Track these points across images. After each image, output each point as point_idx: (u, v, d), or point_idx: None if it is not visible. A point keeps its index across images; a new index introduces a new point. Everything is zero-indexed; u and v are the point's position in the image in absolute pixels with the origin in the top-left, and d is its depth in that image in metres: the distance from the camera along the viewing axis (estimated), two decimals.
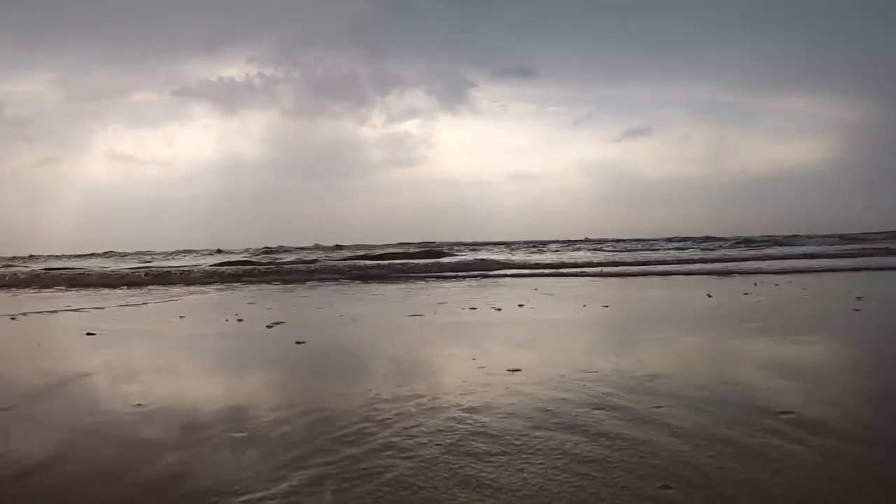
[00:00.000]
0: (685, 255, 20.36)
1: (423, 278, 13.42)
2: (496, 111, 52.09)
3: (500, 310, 6.91)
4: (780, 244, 26.05)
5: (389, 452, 2.40)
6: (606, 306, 7.22)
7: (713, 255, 20.07)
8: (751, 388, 3.28)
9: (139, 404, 3.19)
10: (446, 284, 11.50)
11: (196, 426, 2.81)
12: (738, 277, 11.24)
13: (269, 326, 5.96)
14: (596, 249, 26.54)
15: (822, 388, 3.28)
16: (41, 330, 6.63)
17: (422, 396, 3.21)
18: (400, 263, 17.21)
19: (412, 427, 2.70)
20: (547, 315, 6.80)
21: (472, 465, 2.27)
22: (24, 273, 16.78)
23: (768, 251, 21.35)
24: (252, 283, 13.45)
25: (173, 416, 3.00)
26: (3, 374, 4.29)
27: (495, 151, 53.56)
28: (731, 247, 25.64)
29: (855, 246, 22.85)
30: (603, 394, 3.16)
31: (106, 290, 11.99)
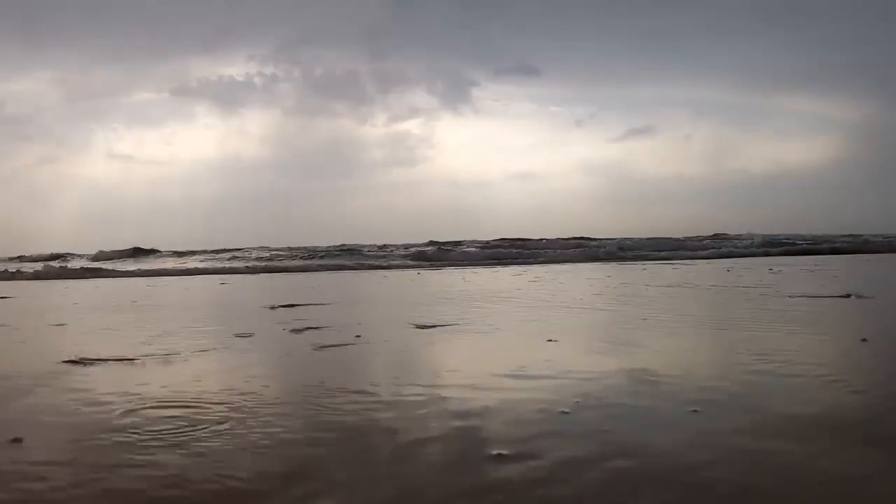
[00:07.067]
0: None
1: None
2: (498, 110, 51.89)
3: None
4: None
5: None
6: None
7: None
8: (749, 388, 3.27)
9: None
10: None
11: None
12: None
13: None
14: None
15: (822, 385, 3.27)
16: None
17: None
18: None
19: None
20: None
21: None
22: None
23: None
24: None
25: None
26: None
27: (497, 151, 53.46)
28: None
29: None
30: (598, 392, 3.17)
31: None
